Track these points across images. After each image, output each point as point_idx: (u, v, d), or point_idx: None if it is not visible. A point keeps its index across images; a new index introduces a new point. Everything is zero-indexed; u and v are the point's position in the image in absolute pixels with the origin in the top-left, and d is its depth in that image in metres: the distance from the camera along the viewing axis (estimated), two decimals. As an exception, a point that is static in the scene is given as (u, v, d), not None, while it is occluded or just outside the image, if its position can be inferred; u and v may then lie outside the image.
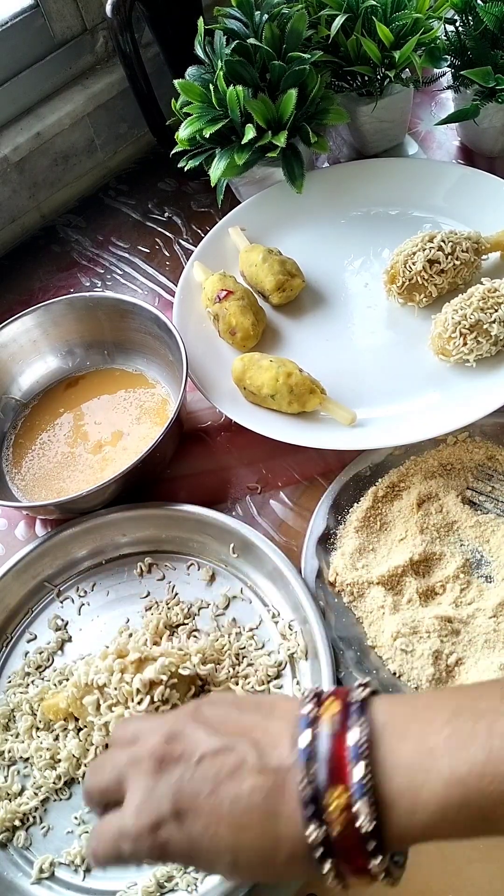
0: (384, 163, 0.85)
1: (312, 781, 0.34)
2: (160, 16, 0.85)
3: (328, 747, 0.34)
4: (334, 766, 0.34)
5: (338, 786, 0.34)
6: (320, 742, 0.35)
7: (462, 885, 0.48)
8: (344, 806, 0.33)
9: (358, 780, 0.33)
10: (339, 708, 0.36)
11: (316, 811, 0.34)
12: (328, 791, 0.34)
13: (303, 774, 0.34)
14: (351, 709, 0.36)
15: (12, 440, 0.74)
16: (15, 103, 0.88)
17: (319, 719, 0.36)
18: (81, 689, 0.53)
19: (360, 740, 0.34)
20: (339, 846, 0.34)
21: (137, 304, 0.73)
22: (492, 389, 0.64)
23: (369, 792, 0.33)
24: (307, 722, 0.36)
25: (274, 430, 0.66)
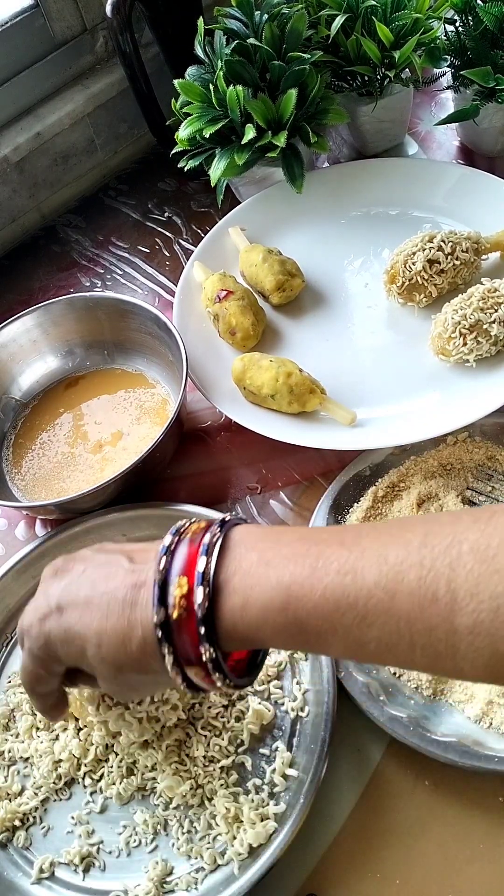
0: (384, 163, 0.85)
1: (165, 571, 0.41)
2: (160, 16, 0.85)
3: (185, 548, 0.41)
4: (185, 562, 0.41)
5: (184, 576, 0.40)
6: (180, 546, 0.42)
7: (462, 885, 0.48)
8: (184, 593, 0.40)
9: (200, 571, 0.40)
10: (203, 525, 0.43)
11: (162, 596, 0.40)
12: (176, 579, 0.40)
13: (158, 565, 0.41)
14: (213, 525, 0.42)
15: (12, 440, 0.74)
16: (15, 103, 0.88)
17: (186, 530, 0.43)
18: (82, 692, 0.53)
19: (210, 541, 0.41)
20: (176, 629, 0.40)
21: (137, 304, 0.73)
22: (492, 389, 0.64)
23: (207, 582, 0.39)
24: (175, 531, 0.43)
25: (274, 430, 0.66)
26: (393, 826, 0.51)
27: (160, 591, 0.40)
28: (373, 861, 0.50)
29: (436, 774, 0.52)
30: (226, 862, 0.50)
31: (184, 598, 0.40)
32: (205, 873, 0.50)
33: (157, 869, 0.51)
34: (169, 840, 0.52)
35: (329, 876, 0.50)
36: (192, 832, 0.52)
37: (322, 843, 0.51)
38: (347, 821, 0.52)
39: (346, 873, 0.50)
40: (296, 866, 0.50)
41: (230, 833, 0.50)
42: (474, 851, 0.49)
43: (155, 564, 0.41)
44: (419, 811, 0.51)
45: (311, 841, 0.51)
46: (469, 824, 0.50)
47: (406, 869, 0.49)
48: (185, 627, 0.40)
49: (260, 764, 0.53)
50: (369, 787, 0.52)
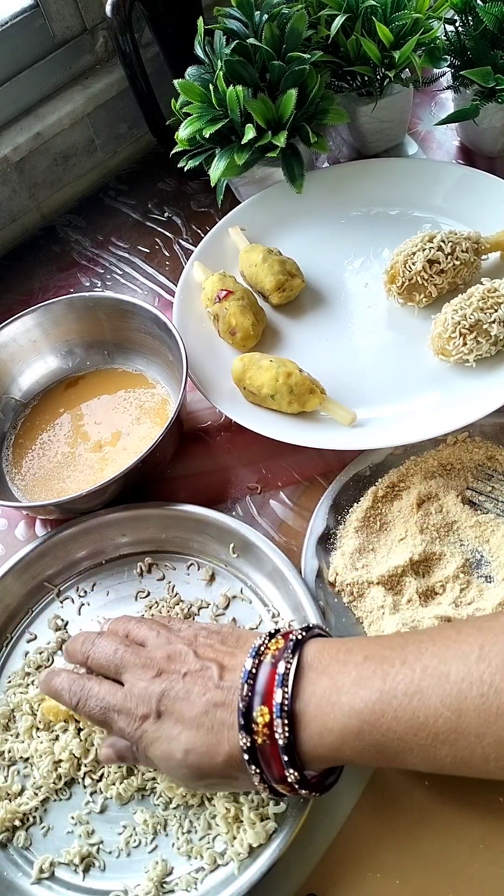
0: (384, 163, 0.85)
1: (247, 699, 0.44)
2: (160, 16, 0.85)
3: (265, 675, 0.44)
4: (265, 690, 0.44)
5: (265, 706, 0.43)
6: (260, 670, 0.45)
7: (462, 885, 0.48)
8: (266, 722, 0.43)
9: (278, 703, 0.43)
10: (281, 644, 0.46)
11: (247, 723, 0.43)
12: (258, 708, 0.43)
13: (242, 693, 0.44)
14: (288, 646, 0.45)
15: (12, 440, 0.74)
16: (15, 103, 0.88)
17: (265, 653, 0.46)
18: None
19: (285, 672, 0.44)
20: (261, 753, 0.43)
21: (137, 304, 0.73)
22: (492, 389, 0.64)
23: (286, 713, 0.42)
24: (255, 652, 0.46)
25: (274, 430, 0.66)
26: (393, 826, 0.51)
27: (244, 719, 0.43)
28: (373, 861, 0.50)
29: (436, 774, 0.52)
30: (226, 862, 0.50)
31: (266, 727, 0.43)
32: (205, 873, 0.50)
33: (157, 869, 0.51)
34: (169, 840, 0.52)
35: (329, 876, 0.50)
36: (192, 832, 0.52)
37: (322, 843, 0.51)
38: (347, 821, 0.52)
39: (346, 873, 0.50)
40: (296, 866, 0.50)
41: (230, 833, 0.50)
42: (474, 851, 0.49)
43: (239, 689, 0.44)
44: (419, 811, 0.51)
45: (311, 841, 0.51)
46: (469, 824, 0.50)
47: (406, 869, 0.49)
48: (270, 753, 0.43)
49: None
50: (369, 787, 0.52)
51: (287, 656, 0.44)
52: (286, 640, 0.46)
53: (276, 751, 0.43)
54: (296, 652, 0.45)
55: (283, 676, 0.43)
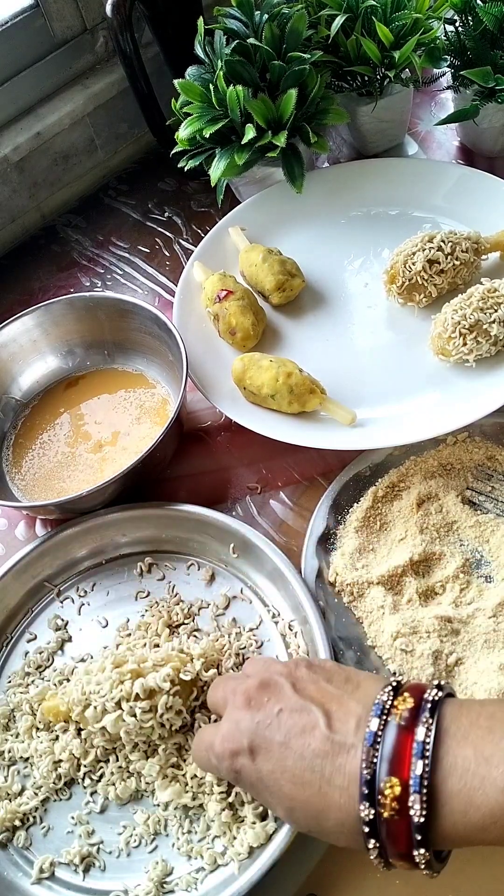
0: (384, 163, 0.85)
1: (372, 766, 0.38)
2: (160, 16, 0.85)
3: (394, 739, 0.38)
4: (396, 758, 0.38)
5: (395, 777, 0.37)
6: (387, 731, 0.39)
7: (462, 885, 0.48)
8: (397, 796, 0.37)
9: (416, 775, 0.37)
10: (412, 704, 0.40)
11: (370, 793, 0.38)
12: (385, 779, 0.38)
13: (365, 756, 0.38)
14: (423, 707, 0.39)
15: (12, 440, 0.74)
16: (15, 103, 0.88)
17: (392, 711, 0.40)
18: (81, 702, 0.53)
19: (425, 739, 0.38)
20: (387, 829, 0.38)
21: (137, 304, 0.73)
22: (492, 389, 0.64)
23: (425, 787, 0.37)
24: (380, 710, 0.40)
25: (274, 430, 0.66)
26: (393, 826, 0.51)
27: (367, 787, 0.38)
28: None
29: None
30: (226, 862, 0.50)
31: (395, 801, 0.37)
32: (205, 873, 0.50)
33: (157, 869, 0.51)
34: (169, 840, 0.52)
35: (329, 876, 0.50)
36: (192, 832, 0.52)
37: (322, 843, 0.51)
38: (347, 821, 0.51)
39: (346, 873, 0.50)
40: (296, 866, 0.50)
41: (230, 833, 0.50)
42: (474, 851, 0.49)
43: (360, 751, 0.39)
44: (419, 811, 0.51)
45: (311, 841, 0.51)
46: (469, 824, 0.50)
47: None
48: (397, 829, 0.37)
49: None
50: (369, 787, 0.52)
51: (426, 720, 0.38)
52: (417, 699, 0.40)
53: (405, 828, 0.37)
54: (434, 715, 0.39)
55: (422, 745, 0.38)
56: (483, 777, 0.37)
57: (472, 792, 0.37)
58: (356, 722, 0.40)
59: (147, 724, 0.52)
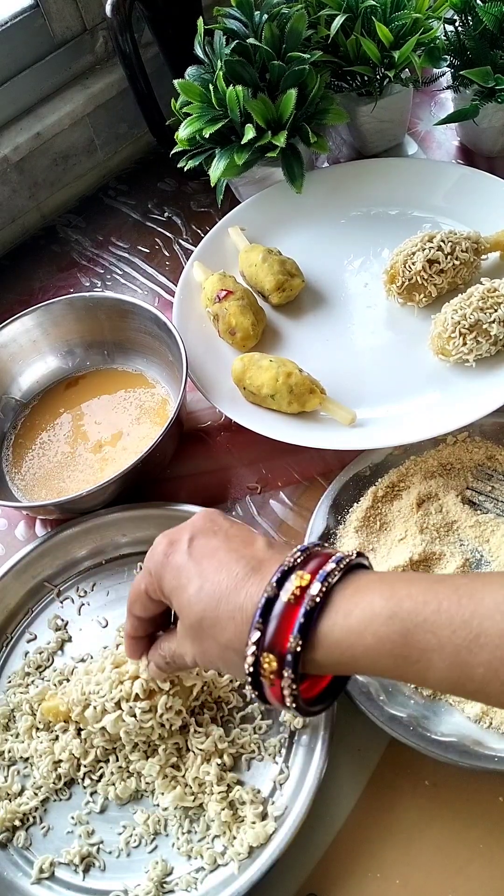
0: (384, 163, 0.85)
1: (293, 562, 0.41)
2: (160, 16, 0.85)
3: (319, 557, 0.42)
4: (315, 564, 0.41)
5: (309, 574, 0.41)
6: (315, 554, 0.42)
7: (462, 884, 0.48)
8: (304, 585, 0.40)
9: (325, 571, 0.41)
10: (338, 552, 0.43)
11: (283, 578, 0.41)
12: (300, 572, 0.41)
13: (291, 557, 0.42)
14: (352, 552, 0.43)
15: (12, 440, 0.74)
16: (15, 103, 0.88)
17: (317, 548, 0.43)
18: (81, 702, 0.53)
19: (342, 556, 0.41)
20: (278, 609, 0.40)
21: (137, 304, 0.73)
22: (491, 389, 0.64)
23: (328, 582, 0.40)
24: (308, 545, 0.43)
25: (274, 430, 0.66)
26: (393, 826, 0.51)
27: (281, 576, 0.41)
28: (373, 861, 0.50)
29: (436, 774, 0.52)
30: (226, 862, 0.50)
31: (299, 589, 0.40)
32: (205, 873, 0.50)
33: (157, 869, 0.51)
34: (169, 840, 0.52)
35: (329, 876, 0.50)
36: (192, 832, 0.52)
37: (322, 843, 0.51)
38: (347, 821, 0.52)
39: (346, 873, 0.50)
40: (296, 866, 0.50)
41: (230, 833, 0.50)
42: (474, 851, 0.49)
43: (290, 556, 0.42)
44: (419, 811, 0.51)
45: (311, 841, 0.51)
46: (469, 824, 0.50)
47: (406, 869, 0.49)
48: (286, 613, 0.40)
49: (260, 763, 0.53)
50: (369, 787, 0.52)
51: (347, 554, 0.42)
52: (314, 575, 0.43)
53: (295, 612, 0.39)
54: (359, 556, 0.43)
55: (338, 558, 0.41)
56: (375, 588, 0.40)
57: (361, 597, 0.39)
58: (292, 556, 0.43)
59: (147, 725, 0.52)
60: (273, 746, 0.54)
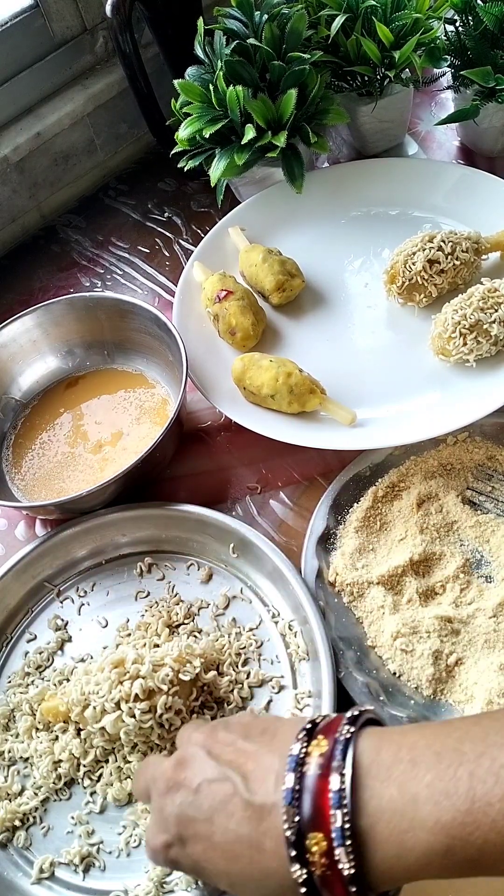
0: (384, 163, 0.85)
1: (295, 825, 0.35)
2: (160, 16, 0.85)
3: (311, 791, 0.36)
4: (316, 812, 0.35)
5: (319, 831, 0.35)
6: (305, 784, 0.36)
7: (462, 884, 0.48)
8: (324, 851, 0.35)
9: (337, 827, 0.35)
10: (326, 748, 0.37)
11: (299, 853, 0.35)
12: (310, 835, 0.35)
13: (286, 816, 0.36)
14: (336, 750, 0.37)
15: (12, 440, 0.74)
16: (15, 103, 0.88)
17: (307, 760, 0.37)
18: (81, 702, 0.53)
19: (340, 787, 0.35)
20: (322, 884, 0.35)
21: (137, 304, 0.73)
22: (492, 389, 0.64)
23: (349, 839, 0.34)
24: (294, 763, 0.37)
25: (274, 430, 0.65)
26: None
27: (295, 849, 0.35)
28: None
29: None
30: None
31: (324, 857, 0.35)
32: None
33: (157, 869, 0.51)
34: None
35: (329, 876, 0.50)
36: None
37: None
38: (347, 821, 0.51)
39: (346, 873, 0.50)
40: (296, 866, 0.50)
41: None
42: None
43: (280, 811, 0.36)
44: (419, 811, 0.51)
45: (311, 841, 0.51)
46: (469, 824, 0.50)
47: None
48: (332, 883, 0.35)
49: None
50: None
51: (338, 764, 0.36)
52: (331, 739, 0.37)
53: (339, 881, 0.35)
54: (346, 756, 0.36)
55: (338, 794, 0.35)
56: (411, 819, 0.34)
57: (402, 835, 0.34)
58: (274, 778, 0.37)
59: (146, 725, 0.52)
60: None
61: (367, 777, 0.36)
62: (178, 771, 0.41)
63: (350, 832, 0.35)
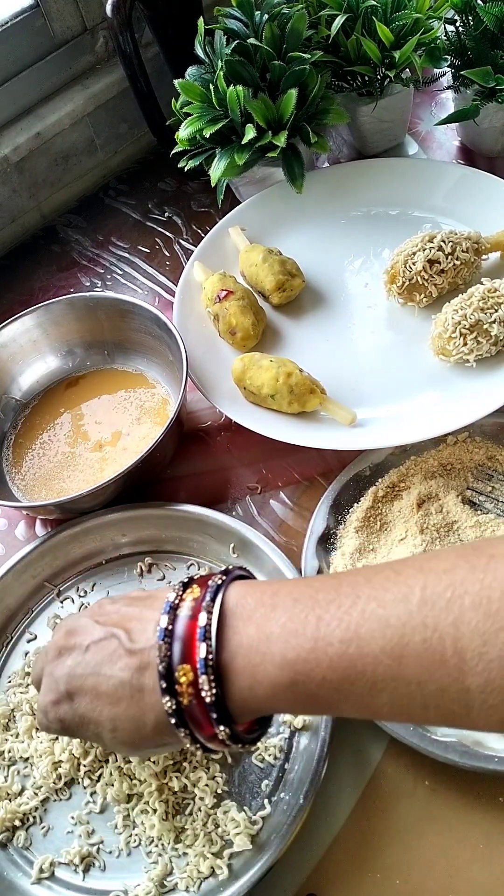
0: (384, 163, 0.85)
1: (167, 658, 0.40)
2: (160, 16, 0.85)
3: (183, 629, 0.40)
4: (185, 646, 0.40)
5: (187, 663, 0.39)
6: (177, 624, 0.41)
7: (462, 885, 0.48)
8: (191, 681, 0.39)
9: (202, 658, 0.39)
10: (198, 593, 0.42)
11: (169, 685, 0.40)
12: (179, 667, 0.40)
13: (159, 652, 0.40)
14: (207, 593, 0.41)
15: (12, 440, 0.74)
16: (15, 103, 0.88)
17: (181, 605, 0.41)
18: None
19: (207, 623, 0.40)
20: (189, 715, 0.40)
21: (137, 304, 0.73)
22: (492, 389, 0.64)
23: (210, 668, 0.39)
24: (169, 607, 0.41)
25: (274, 430, 0.66)
26: (393, 826, 0.51)
27: (166, 681, 0.40)
28: (373, 861, 0.50)
29: (436, 774, 0.52)
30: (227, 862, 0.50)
31: (190, 686, 0.39)
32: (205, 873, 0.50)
33: (157, 869, 0.51)
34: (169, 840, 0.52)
35: (329, 876, 0.50)
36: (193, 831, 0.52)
37: (322, 843, 0.51)
38: (347, 821, 0.52)
39: (346, 873, 0.50)
40: (296, 866, 0.50)
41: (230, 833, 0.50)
42: (474, 852, 0.49)
43: (155, 650, 0.41)
44: (419, 811, 0.51)
45: (311, 841, 0.51)
46: (469, 824, 0.50)
47: (406, 869, 0.49)
48: (197, 712, 0.39)
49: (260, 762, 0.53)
50: (369, 787, 0.52)
51: (207, 605, 0.40)
52: (203, 587, 0.42)
53: (203, 709, 0.39)
54: (215, 599, 0.41)
55: (204, 629, 0.39)
56: (264, 653, 0.38)
57: (255, 668, 0.39)
58: (153, 626, 0.42)
59: None
60: (273, 746, 0.54)
61: (231, 618, 0.40)
62: (67, 638, 0.45)
63: (213, 663, 0.39)
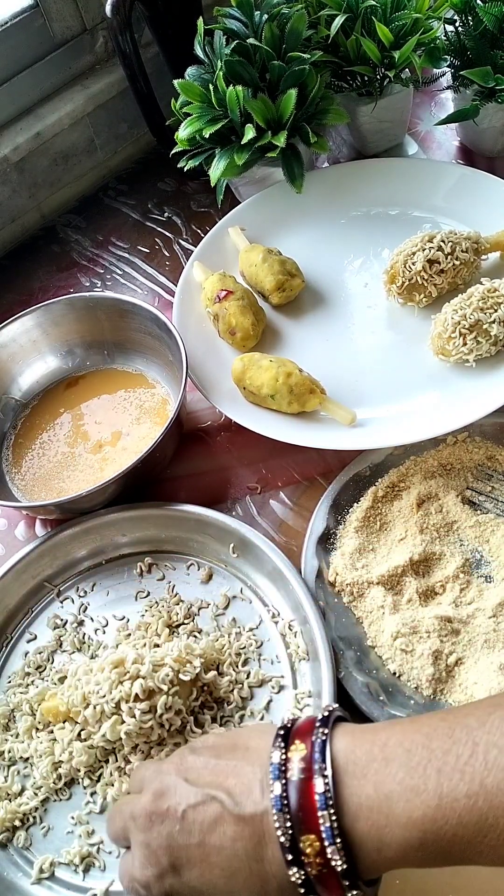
0: (384, 163, 0.85)
1: (288, 830, 0.38)
2: (160, 16, 0.85)
3: (299, 796, 0.38)
4: (305, 816, 0.37)
5: (310, 833, 0.37)
6: (291, 791, 0.38)
7: (462, 885, 0.48)
8: (318, 850, 0.37)
9: (327, 827, 0.37)
10: (305, 752, 0.39)
11: (295, 856, 0.37)
12: (303, 838, 0.37)
13: (279, 824, 0.38)
14: (315, 752, 0.39)
15: (12, 440, 0.74)
16: (15, 103, 0.88)
17: (288, 766, 0.39)
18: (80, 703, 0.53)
19: (325, 790, 0.37)
20: (318, 883, 0.38)
21: (137, 304, 0.73)
22: (492, 389, 0.64)
23: (338, 837, 0.37)
24: (277, 770, 0.39)
25: (274, 430, 0.66)
26: (393, 826, 0.51)
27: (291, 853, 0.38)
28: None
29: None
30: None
31: (318, 856, 0.37)
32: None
33: (157, 869, 0.50)
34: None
35: (329, 876, 0.50)
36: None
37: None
38: (347, 821, 0.51)
39: (346, 873, 0.50)
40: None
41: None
42: (474, 851, 0.49)
43: (270, 817, 0.38)
44: (419, 811, 0.51)
45: (311, 841, 0.51)
46: (469, 824, 0.50)
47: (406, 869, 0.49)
48: (328, 881, 0.38)
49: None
50: (369, 787, 0.52)
51: (320, 767, 0.38)
52: (307, 741, 0.40)
53: (334, 878, 0.38)
54: (325, 757, 0.38)
55: (324, 795, 0.37)
56: (387, 815, 0.37)
57: (381, 830, 0.37)
58: (259, 787, 0.39)
59: (146, 725, 0.52)
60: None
61: (344, 775, 0.38)
62: (158, 803, 0.41)
63: (339, 831, 0.37)
